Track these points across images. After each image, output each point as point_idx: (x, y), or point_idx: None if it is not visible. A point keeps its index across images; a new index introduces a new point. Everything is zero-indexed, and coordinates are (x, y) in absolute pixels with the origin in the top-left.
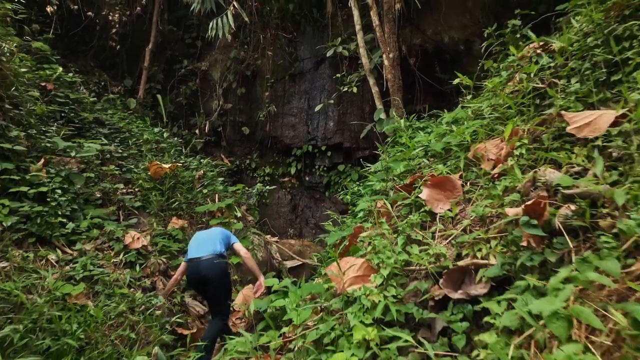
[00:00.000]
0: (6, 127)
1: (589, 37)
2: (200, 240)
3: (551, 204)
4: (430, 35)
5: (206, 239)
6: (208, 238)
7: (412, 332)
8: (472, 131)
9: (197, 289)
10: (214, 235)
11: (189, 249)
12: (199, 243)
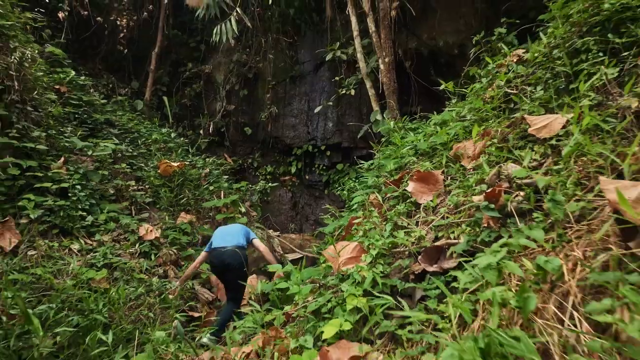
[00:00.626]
0: (28, 128)
1: (554, 49)
2: (224, 233)
3: (508, 192)
4: (426, 39)
5: (230, 232)
6: (231, 232)
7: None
8: (454, 132)
9: (219, 275)
10: (237, 230)
11: (214, 240)
12: (223, 235)
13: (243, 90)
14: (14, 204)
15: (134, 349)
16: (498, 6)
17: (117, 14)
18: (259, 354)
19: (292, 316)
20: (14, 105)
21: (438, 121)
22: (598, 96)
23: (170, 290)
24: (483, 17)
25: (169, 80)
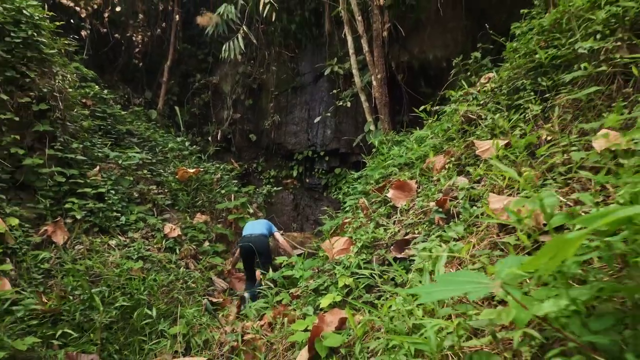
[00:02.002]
0: (68, 141)
1: (503, 85)
2: (252, 225)
3: (453, 199)
4: (416, 53)
5: (256, 224)
6: (257, 224)
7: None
8: (427, 149)
9: (247, 256)
10: (262, 224)
11: (244, 231)
12: (252, 227)
13: (248, 99)
14: (61, 206)
15: (171, 323)
16: (483, 22)
17: (133, 30)
18: (271, 324)
19: (296, 295)
20: (57, 122)
21: (418, 137)
22: (527, 126)
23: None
24: (469, 32)
25: (179, 90)
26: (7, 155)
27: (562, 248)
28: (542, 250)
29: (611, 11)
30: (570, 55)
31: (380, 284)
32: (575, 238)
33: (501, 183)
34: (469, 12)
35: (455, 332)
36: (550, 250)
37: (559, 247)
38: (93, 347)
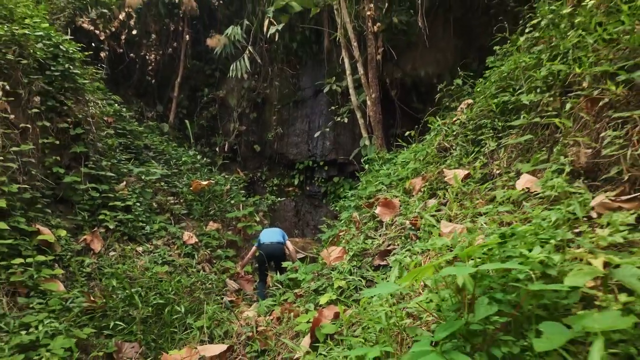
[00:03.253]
0: (98, 159)
1: (470, 121)
2: (270, 233)
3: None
4: (409, 70)
5: (274, 234)
6: (275, 233)
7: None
8: (410, 171)
9: (268, 260)
10: (278, 232)
11: (262, 238)
12: (270, 235)
13: (253, 113)
14: (95, 218)
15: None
16: (470, 42)
17: (146, 49)
18: (279, 318)
19: (300, 294)
20: (89, 143)
21: (403, 159)
22: (484, 159)
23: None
24: (458, 50)
25: (188, 104)
26: (49, 174)
27: (420, 272)
28: (409, 273)
29: (550, 69)
30: (519, 103)
31: (364, 286)
32: (426, 267)
33: (452, 213)
34: (458, 32)
35: (396, 314)
36: (414, 273)
37: (418, 272)
38: (133, 337)
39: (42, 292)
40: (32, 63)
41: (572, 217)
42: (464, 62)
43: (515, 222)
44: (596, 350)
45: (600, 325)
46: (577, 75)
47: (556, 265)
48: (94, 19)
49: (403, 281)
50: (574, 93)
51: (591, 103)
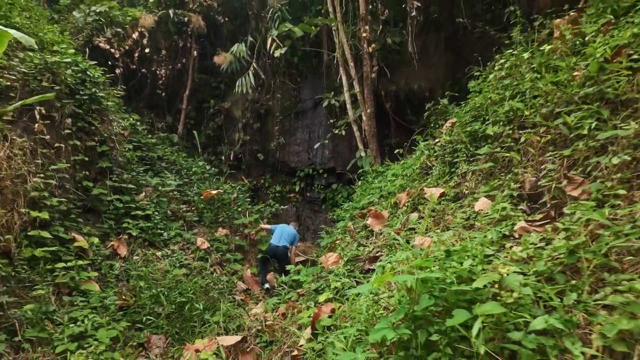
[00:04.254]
0: (120, 173)
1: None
2: (279, 234)
3: (409, 229)
4: (403, 85)
5: (282, 235)
6: (284, 235)
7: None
8: (397, 186)
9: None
10: (287, 235)
11: (274, 236)
12: (278, 237)
13: (256, 123)
14: (120, 225)
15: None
16: (460, 58)
17: (157, 65)
18: (284, 314)
19: (302, 294)
20: (113, 158)
21: (393, 173)
22: (457, 179)
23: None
24: (449, 66)
25: (196, 115)
26: (79, 187)
27: (384, 278)
28: (377, 278)
29: (510, 106)
30: (485, 133)
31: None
32: (386, 275)
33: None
34: (448, 49)
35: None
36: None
37: (383, 278)
38: (160, 330)
39: (82, 292)
40: (63, 88)
41: (503, 235)
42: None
43: (467, 238)
44: (476, 325)
45: (482, 310)
46: (531, 112)
47: (477, 273)
48: (109, 38)
49: (373, 283)
50: (526, 131)
51: (537, 138)
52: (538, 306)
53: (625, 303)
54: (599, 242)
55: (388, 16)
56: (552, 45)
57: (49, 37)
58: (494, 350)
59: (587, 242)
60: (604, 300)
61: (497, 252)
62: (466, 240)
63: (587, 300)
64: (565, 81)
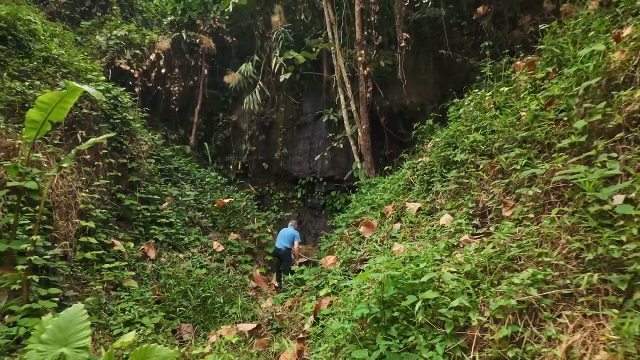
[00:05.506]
0: (147, 185)
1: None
2: (280, 237)
3: (391, 237)
4: (396, 100)
5: (283, 237)
6: (285, 238)
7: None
8: (386, 199)
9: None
10: (287, 236)
11: (277, 238)
12: (279, 239)
13: (261, 135)
14: (148, 231)
15: (230, 307)
16: (448, 76)
17: (170, 82)
18: (291, 307)
19: (305, 290)
20: (141, 173)
21: (383, 187)
22: (432, 196)
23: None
24: (438, 83)
25: (206, 127)
26: (114, 199)
27: (364, 275)
28: (359, 276)
29: (474, 138)
30: (455, 159)
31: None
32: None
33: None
34: (437, 68)
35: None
36: (361, 276)
37: (363, 275)
38: (189, 320)
39: (124, 288)
40: (100, 114)
41: (453, 245)
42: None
43: (425, 247)
44: (417, 305)
45: (423, 296)
46: (488, 144)
47: (427, 272)
48: (129, 60)
49: (358, 279)
50: (483, 160)
51: (490, 167)
52: (462, 293)
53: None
54: (507, 251)
55: (382, 40)
56: (510, 86)
57: (82, 65)
58: (430, 320)
59: (501, 250)
60: (499, 289)
61: (447, 257)
62: (425, 249)
63: (489, 289)
64: (512, 122)
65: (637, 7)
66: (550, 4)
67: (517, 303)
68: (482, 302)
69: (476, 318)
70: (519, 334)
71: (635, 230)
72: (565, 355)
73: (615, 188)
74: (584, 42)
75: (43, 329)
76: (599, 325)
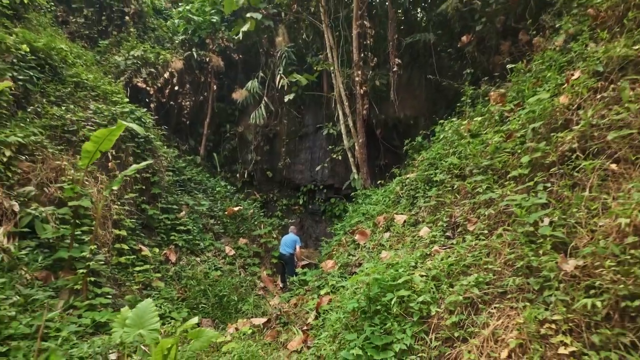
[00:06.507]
0: (166, 196)
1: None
2: (284, 243)
3: (381, 245)
4: (390, 114)
5: (285, 242)
6: (287, 244)
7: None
8: (378, 210)
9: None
10: (289, 242)
11: (281, 244)
12: (282, 245)
13: (266, 145)
14: (169, 238)
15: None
16: (440, 92)
17: (182, 97)
18: (296, 304)
19: (308, 289)
20: (161, 185)
21: (376, 199)
22: (417, 210)
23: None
24: (430, 98)
25: (214, 138)
26: (139, 209)
27: (354, 278)
28: (351, 278)
29: (450, 161)
30: (435, 179)
31: None
32: (356, 276)
33: (388, 244)
34: (429, 84)
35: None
36: (354, 278)
37: (354, 278)
38: (208, 315)
39: (153, 288)
40: (127, 134)
41: (426, 253)
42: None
43: (403, 255)
44: (393, 300)
45: (398, 294)
46: (462, 168)
47: (403, 275)
48: (145, 78)
49: (351, 281)
50: (458, 182)
51: (462, 188)
52: (427, 292)
53: (459, 290)
54: (463, 260)
55: (377, 61)
56: (483, 116)
57: (108, 88)
58: (403, 311)
59: (460, 258)
60: (453, 289)
61: (421, 263)
62: (405, 256)
63: (447, 289)
64: (479, 151)
65: (587, 52)
66: (525, 36)
67: (464, 299)
68: (440, 298)
69: (435, 310)
70: (464, 321)
71: (549, 246)
72: (491, 334)
73: (540, 214)
74: (544, 80)
75: (124, 317)
76: (517, 314)
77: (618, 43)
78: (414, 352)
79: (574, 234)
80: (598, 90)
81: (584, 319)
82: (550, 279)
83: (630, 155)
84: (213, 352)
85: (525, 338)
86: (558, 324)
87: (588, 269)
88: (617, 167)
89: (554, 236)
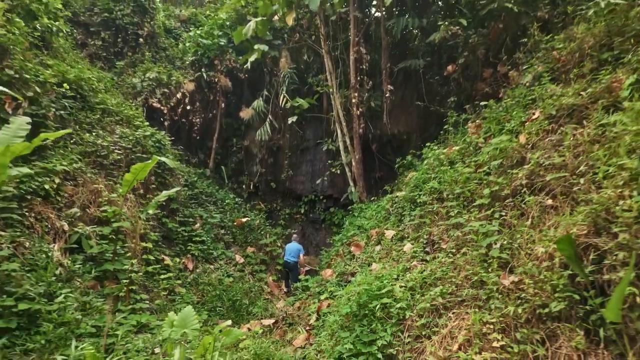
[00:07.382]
0: (182, 210)
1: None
2: (289, 251)
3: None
4: (385, 130)
5: (290, 251)
6: (292, 252)
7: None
8: (372, 224)
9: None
10: (293, 250)
11: (285, 252)
12: (289, 252)
13: (270, 158)
14: (186, 248)
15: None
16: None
17: (192, 115)
18: (299, 307)
19: (310, 294)
20: (179, 200)
21: (371, 213)
22: (403, 226)
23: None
24: (422, 116)
25: (221, 151)
26: (159, 222)
27: (349, 287)
28: (346, 287)
29: (432, 185)
30: (419, 200)
31: None
32: (350, 286)
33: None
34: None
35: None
36: (348, 287)
37: (348, 287)
38: (224, 317)
39: (176, 293)
40: (149, 156)
41: (407, 267)
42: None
43: (388, 268)
44: (378, 305)
45: (381, 301)
46: (441, 192)
47: (387, 286)
48: (160, 98)
49: (344, 290)
50: (442, 204)
51: (440, 210)
52: (404, 299)
53: (427, 298)
54: (434, 274)
55: (372, 84)
56: (461, 146)
57: (130, 113)
58: (385, 315)
59: (432, 273)
60: (424, 297)
61: (402, 276)
62: (390, 269)
63: (420, 297)
64: (455, 178)
65: (546, 94)
66: (503, 68)
67: (431, 305)
68: (413, 305)
69: (409, 314)
70: (430, 322)
71: (496, 265)
72: (448, 332)
73: (493, 238)
74: (512, 116)
75: (171, 319)
76: (468, 318)
77: (571, 88)
78: (392, 347)
79: (516, 256)
80: (549, 132)
81: (512, 321)
82: (494, 290)
83: (563, 192)
84: (232, 348)
85: (471, 335)
86: (494, 325)
87: (520, 284)
88: (553, 202)
89: (500, 257)
